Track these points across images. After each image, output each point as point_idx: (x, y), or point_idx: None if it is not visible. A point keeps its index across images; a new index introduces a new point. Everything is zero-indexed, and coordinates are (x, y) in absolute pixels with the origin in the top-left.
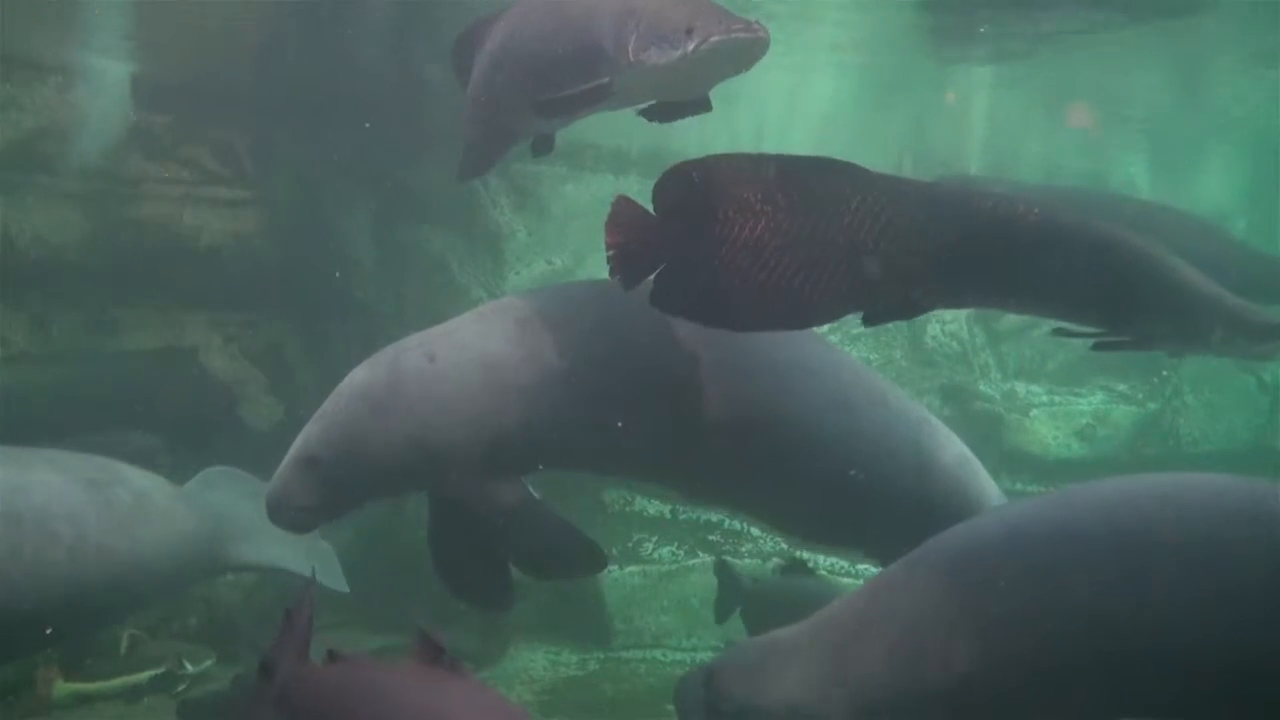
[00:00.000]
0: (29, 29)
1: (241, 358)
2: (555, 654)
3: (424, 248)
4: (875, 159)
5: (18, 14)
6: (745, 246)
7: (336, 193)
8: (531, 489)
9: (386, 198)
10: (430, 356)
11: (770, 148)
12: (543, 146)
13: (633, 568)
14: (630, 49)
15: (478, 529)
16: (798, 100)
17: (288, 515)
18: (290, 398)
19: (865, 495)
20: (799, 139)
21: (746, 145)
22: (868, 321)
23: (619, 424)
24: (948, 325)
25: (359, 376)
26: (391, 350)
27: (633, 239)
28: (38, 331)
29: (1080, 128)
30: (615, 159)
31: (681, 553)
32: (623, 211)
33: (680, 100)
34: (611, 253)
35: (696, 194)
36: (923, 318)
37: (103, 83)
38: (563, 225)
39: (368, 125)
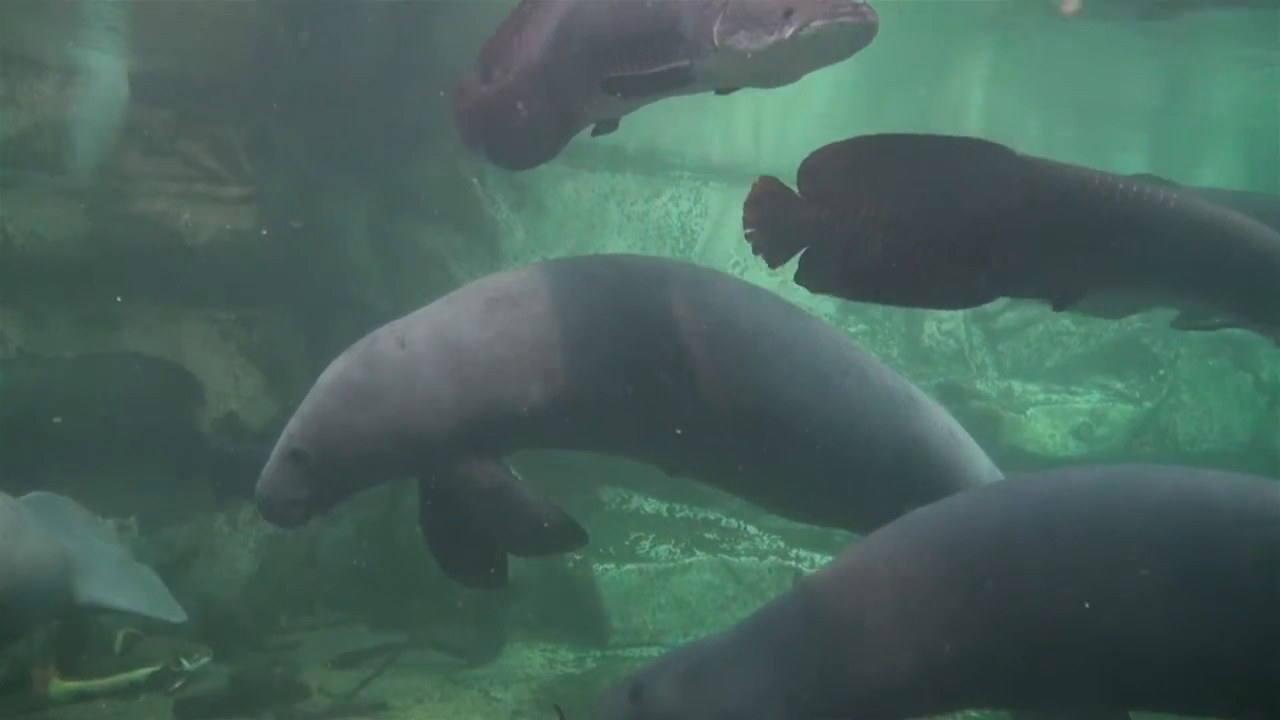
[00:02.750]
0: (26, 24)
1: (238, 354)
2: (552, 652)
3: (421, 245)
4: None
5: (14, 9)
6: (893, 226)
7: (334, 190)
8: (528, 484)
9: (384, 195)
10: (400, 343)
11: (768, 145)
12: (605, 129)
13: (630, 566)
14: (715, 31)
15: (462, 510)
16: (796, 96)
17: (277, 511)
18: (287, 394)
19: (841, 469)
20: (797, 136)
21: (744, 143)
22: (1013, 296)
23: (590, 400)
24: (944, 324)
25: (334, 369)
26: (365, 341)
27: (774, 219)
28: (35, 329)
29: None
30: (612, 156)
31: (679, 551)
32: (763, 191)
33: (766, 87)
34: (751, 231)
35: (844, 174)
36: (920, 315)
37: (100, 79)
38: (560, 223)
39: (365, 122)
